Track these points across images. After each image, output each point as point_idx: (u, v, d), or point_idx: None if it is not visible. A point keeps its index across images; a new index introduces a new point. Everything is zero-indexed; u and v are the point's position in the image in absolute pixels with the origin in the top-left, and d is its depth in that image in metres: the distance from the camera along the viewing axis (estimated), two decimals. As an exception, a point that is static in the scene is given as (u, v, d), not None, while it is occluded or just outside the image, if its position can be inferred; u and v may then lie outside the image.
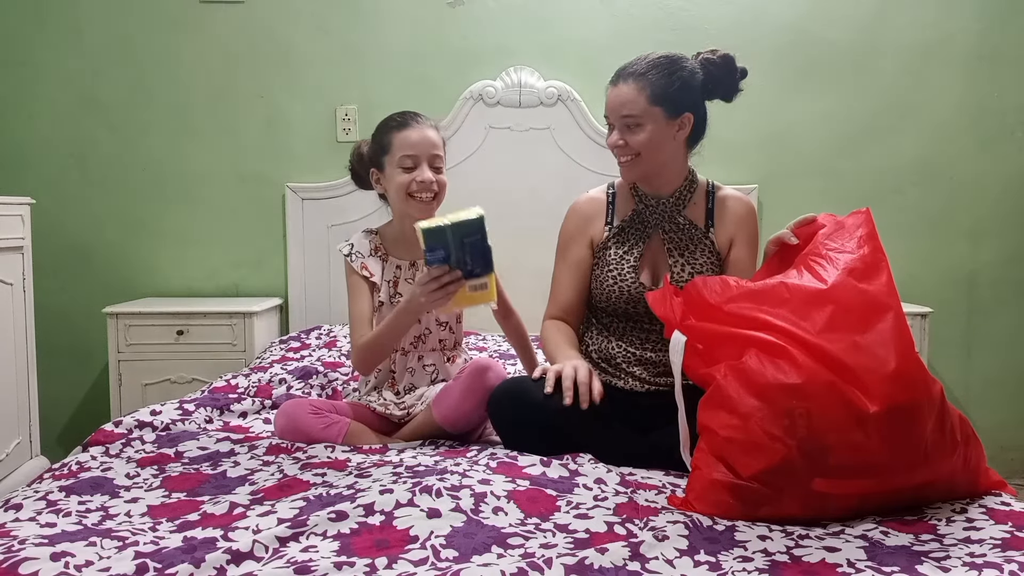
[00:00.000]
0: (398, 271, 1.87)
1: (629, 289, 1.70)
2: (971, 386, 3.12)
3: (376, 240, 1.90)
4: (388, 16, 3.03)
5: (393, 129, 1.82)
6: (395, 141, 1.80)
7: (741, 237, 1.76)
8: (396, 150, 1.80)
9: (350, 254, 1.87)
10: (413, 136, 1.79)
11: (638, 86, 1.66)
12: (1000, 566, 1.07)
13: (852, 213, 1.48)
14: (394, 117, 1.85)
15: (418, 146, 1.79)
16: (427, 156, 1.80)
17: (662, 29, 3.01)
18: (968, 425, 1.35)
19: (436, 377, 1.87)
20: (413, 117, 1.83)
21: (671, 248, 1.74)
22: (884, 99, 3.07)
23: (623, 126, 1.68)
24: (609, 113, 1.71)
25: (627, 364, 1.71)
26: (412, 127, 1.80)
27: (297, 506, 1.24)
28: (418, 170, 1.79)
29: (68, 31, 2.99)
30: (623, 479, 1.44)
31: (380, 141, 1.84)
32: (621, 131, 1.69)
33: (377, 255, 1.87)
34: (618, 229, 1.77)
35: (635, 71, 1.67)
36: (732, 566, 1.10)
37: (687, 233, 1.74)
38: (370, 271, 1.85)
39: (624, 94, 1.67)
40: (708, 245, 1.75)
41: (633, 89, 1.66)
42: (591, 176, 2.89)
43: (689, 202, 1.76)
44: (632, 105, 1.66)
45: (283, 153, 3.06)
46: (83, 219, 3.04)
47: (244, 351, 2.70)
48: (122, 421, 1.79)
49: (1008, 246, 3.09)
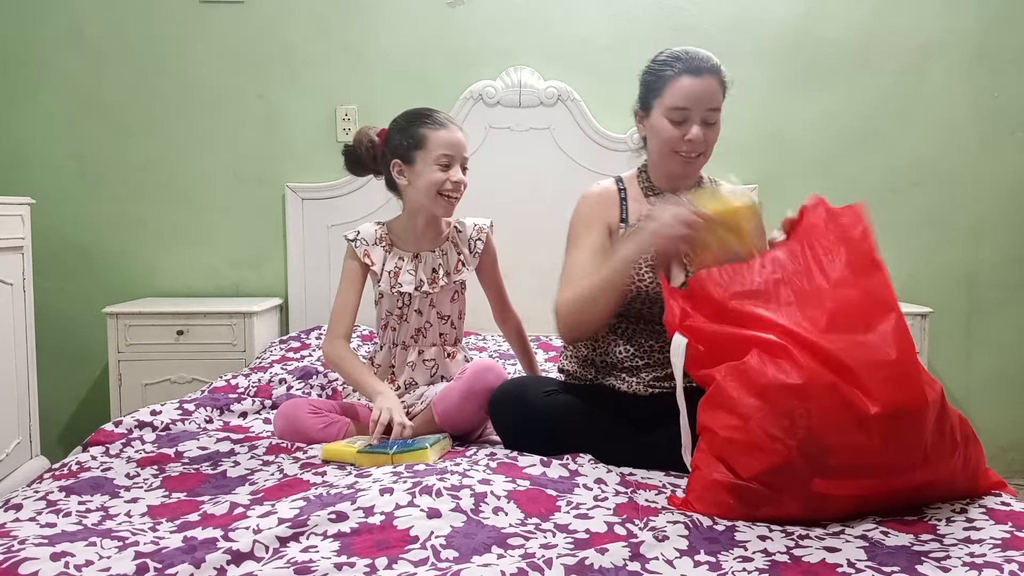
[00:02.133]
0: (400, 262, 1.88)
1: (647, 289, 1.66)
2: (971, 386, 3.12)
3: (383, 231, 1.91)
4: (388, 16, 3.03)
5: (429, 126, 1.83)
6: (432, 138, 1.82)
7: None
8: (433, 148, 1.81)
9: (355, 240, 1.88)
10: (452, 137, 1.83)
11: (717, 80, 1.64)
12: (1000, 566, 1.07)
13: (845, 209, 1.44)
14: (427, 113, 1.86)
15: (455, 147, 1.83)
16: (460, 158, 1.84)
17: (662, 29, 3.01)
18: (968, 425, 1.35)
19: (435, 372, 1.88)
20: (447, 117, 1.86)
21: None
22: (884, 99, 3.07)
23: (702, 120, 1.64)
24: (692, 104, 1.62)
25: (633, 368, 1.68)
26: (450, 128, 1.83)
27: (297, 506, 1.24)
28: (453, 170, 1.82)
29: (68, 31, 2.99)
30: (623, 479, 1.44)
31: (412, 135, 1.83)
32: (701, 125, 1.64)
33: (381, 245, 1.89)
34: (634, 228, 1.70)
35: (713, 65, 1.64)
36: (732, 566, 1.10)
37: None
38: (372, 259, 1.86)
39: (712, 86, 1.63)
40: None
41: (715, 82, 1.64)
42: (591, 176, 2.87)
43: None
44: (716, 98, 1.64)
45: (283, 153, 3.06)
46: (83, 219, 3.04)
47: (244, 351, 2.70)
48: (122, 421, 1.79)
49: (1008, 246, 3.09)
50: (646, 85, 1.70)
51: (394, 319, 1.88)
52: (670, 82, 1.63)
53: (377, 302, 1.91)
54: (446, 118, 1.86)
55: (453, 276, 1.89)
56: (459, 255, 1.91)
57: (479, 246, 1.92)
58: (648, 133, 1.72)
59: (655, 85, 1.67)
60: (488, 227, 1.95)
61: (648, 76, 1.70)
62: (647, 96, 1.69)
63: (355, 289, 1.87)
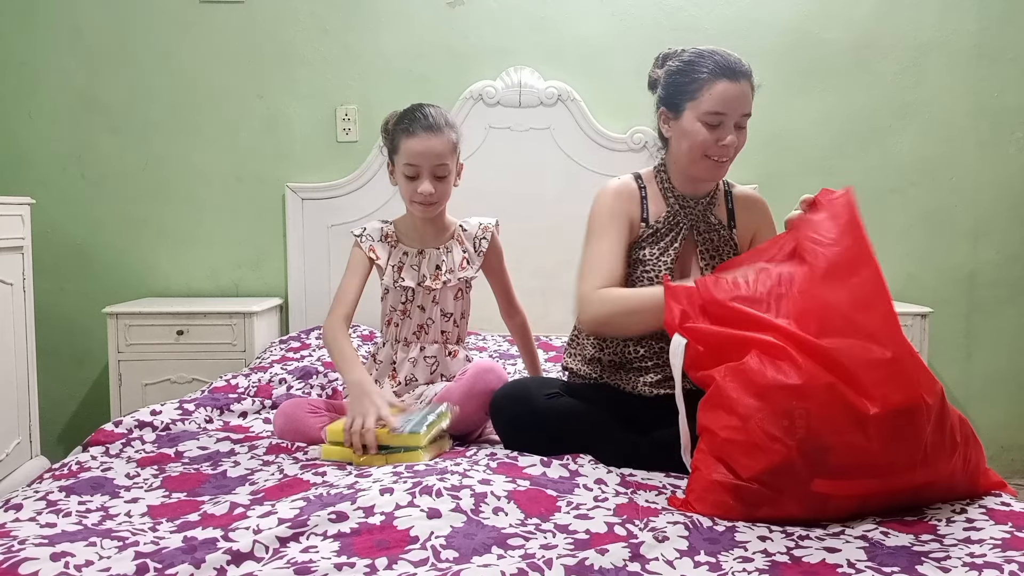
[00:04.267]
0: (404, 257, 1.89)
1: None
2: (971, 386, 3.12)
3: (388, 228, 1.92)
4: (388, 16, 3.03)
5: (402, 132, 1.81)
6: (402, 146, 1.80)
7: (764, 230, 1.73)
8: (401, 156, 1.81)
9: (360, 235, 1.90)
10: (417, 146, 1.78)
11: (749, 84, 1.62)
12: (1000, 566, 1.07)
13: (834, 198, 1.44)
14: (405, 116, 1.83)
15: (419, 157, 1.78)
16: (429, 167, 1.79)
17: (662, 29, 3.01)
18: (968, 425, 1.35)
19: (435, 370, 1.88)
20: (421, 122, 1.79)
21: (703, 250, 1.69)
22: (884, 99, 3.07)
23: (734, 125, 1.62)
24: (727, 109, 1.59)
25: (643, 368, 1.66)
26: (418, 135, 1.78)
27: (297, 506, 1.23)
28: (418, 181, 1.80)
29: (68, 31, 2.99)
30: (623, 480, 1.44)
31: (392, 139, 1.84)
32: (733, 130, 1.62)
33: (387, 241, 1.90)
34: (653, 231, 1.69)
35: (746, 69, 1.62)
36: (732, 567, 1.10)
37: (717, 233, 1.71)
38: (377, 254, 1.88)
39: (746, 92, 1.61)
40: (733, 245, 1.72)
41: (748, 87, 1.62)
42: (591, 176, 2.90)
43: (716, 202, 1.73)
44: (750, 103, 1.62)
45: (283, 153, 3.06)
46: (83, 219, 3.04)
47: (244, 351, 2.70)
48: (122, 421, 1.79)
49: (1008, 246, 3.09)
50: (676, 85, 1.64)
51: (397, 315, 1.89)
52: (707, 85, 1.59)
53: (383, 298, 1.91)
54: (427, 121, 1.78)
55: (457, 273, 1.89)
56: (464, 253, 1.91)
57: (484, 245, 1.92)
58: (675, 134, 1.67)
59: (689, 87, 1.61)
60: (494, 226, 1.95)
61: (678, 77, 1.63)
62: (677, 96, 1.63)
63: (358, 276, 1.87)
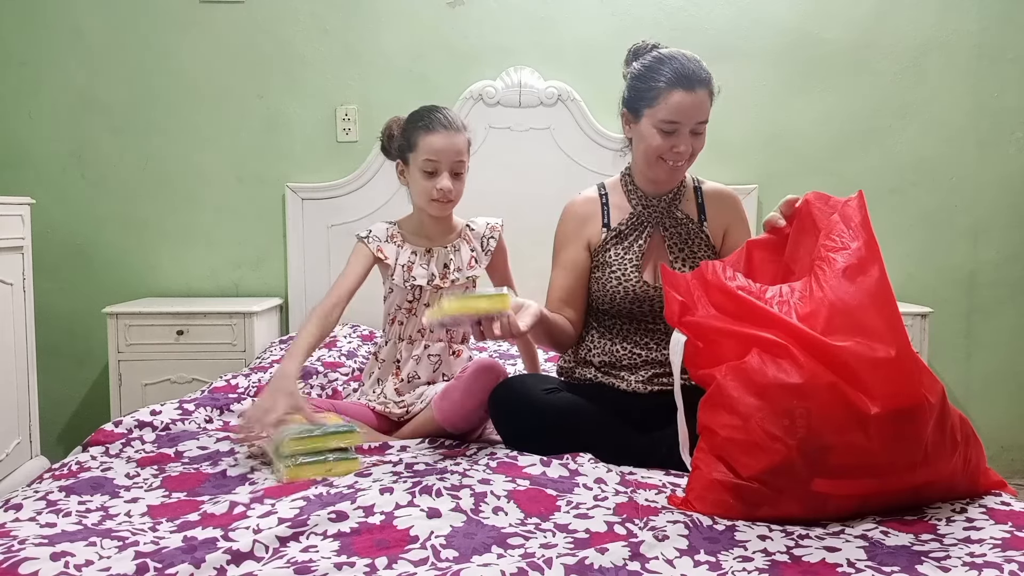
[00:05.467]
0: (413, 256, 1.88)
1: (633, 288, 1.70)
2: (971, 386, 3.12)
3: (394, 228, 1.91)
4: (388, 16, 3.03)
5: (420, 129, 1.80)
6: (420, 143, 1.80)
7: (737, 225, 1.78)
8: (420, 152, 1.80)
9: (367, 236, 1.88)
10: (438, 142, 1.78)
11: (706, 92, 1.65)
12: (1000, 566, 1.07)
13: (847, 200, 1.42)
14: (423, 115, 1.82)
15: (441, 153, 1.78)
16: (449, 164, 1.80)
17: (662, 29, 3.01)
18: (968, 425, 1.35)
19: (438, 368, 1.88)
20: (441, 120, 1.80)
21: (672, 244, 1.74)
22: (884, 99, 3.07)
23: (691, 132, 1.66)
24: (683, 119, 1.63)
25: (632, 366, 1.70)
26: (438, 132, 1.78)
27: (297, 506, 1.24)
28: (439, 177, 1.79)
29: (68, 31, 2.99)
30: (623, 479, 1.44)
31: (408, 137, 1.83)
32: (689, 136, 1.66)
33: (393, 242, 1.89)
34: (616, 233, 1.76)
35: (704, 77, 1.64)
36: (732, 566, 1.10)
37: (686, 228, 1.75)
38: (385, 254, 1.86)
39: (703, 100, 1.64)
40: (704, 239, 1.75)
41: (706, 95, 1.65)
42: (591, 176, 2.87)
43: (683, 198, 1.77)
44: (706, 111, 1.66)
45: (283, 153, 3.06)
46: (83, 219, 3.04)
47: (244, 351, 2.70)
48: (122, 421, 1.78)
49: (1008, 246, 3.09)
50: (635, 90, 1.69)
51: (402, 313, 1.89)
52: (663, 94, 1.63)
53: (386, 297, 1.91)
54: (446, 119, 1.80)
55: (465, 272, 1.89)
56: (472, 252, 1.91)
57: (491, 244, 1.92)
58: (635, 137, 1.73)
59: (647, 94, 1.66)
60: (500, 225, 1.95)
61: (638, 82, 1.68)
62: (637, 102, 1.69)
63: (357, 273, 1.84)
